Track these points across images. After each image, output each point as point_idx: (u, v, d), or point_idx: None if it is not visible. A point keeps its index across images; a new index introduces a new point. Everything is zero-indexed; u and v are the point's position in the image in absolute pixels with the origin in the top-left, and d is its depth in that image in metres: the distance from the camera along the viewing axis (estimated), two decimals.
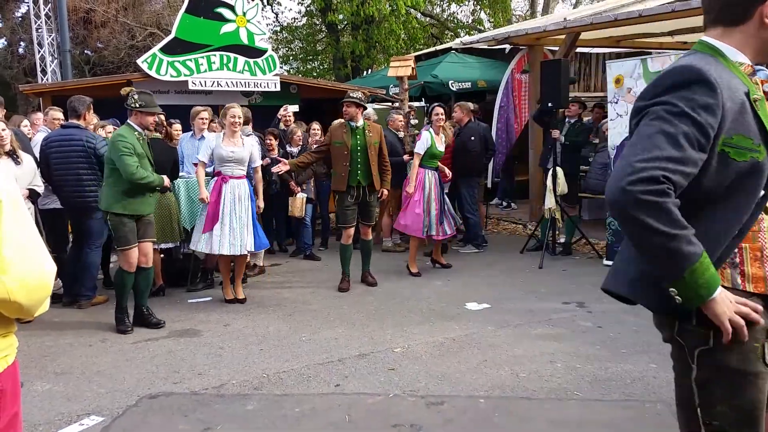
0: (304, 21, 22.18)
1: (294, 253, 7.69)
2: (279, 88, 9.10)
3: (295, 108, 8.54)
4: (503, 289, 5.85)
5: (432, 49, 15.33)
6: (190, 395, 3.63)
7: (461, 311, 5.18)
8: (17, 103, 17.47)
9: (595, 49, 10.55)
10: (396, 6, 17.05)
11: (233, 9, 8.71)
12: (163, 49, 8.44)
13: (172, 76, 8.43)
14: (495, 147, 8.37)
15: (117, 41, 18.58)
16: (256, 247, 5.63)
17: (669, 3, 7.76)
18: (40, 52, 14.62)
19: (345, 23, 19.31)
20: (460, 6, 22.07)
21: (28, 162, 5.14)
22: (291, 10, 32.36)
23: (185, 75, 8.48)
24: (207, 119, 6.46)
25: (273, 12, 22.88)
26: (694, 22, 7.38)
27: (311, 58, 22.91)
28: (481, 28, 21.34)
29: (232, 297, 5.63)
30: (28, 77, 17.63)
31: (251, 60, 8.88)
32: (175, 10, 15.10)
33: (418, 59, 11.50)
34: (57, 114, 6.14)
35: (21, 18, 19.15)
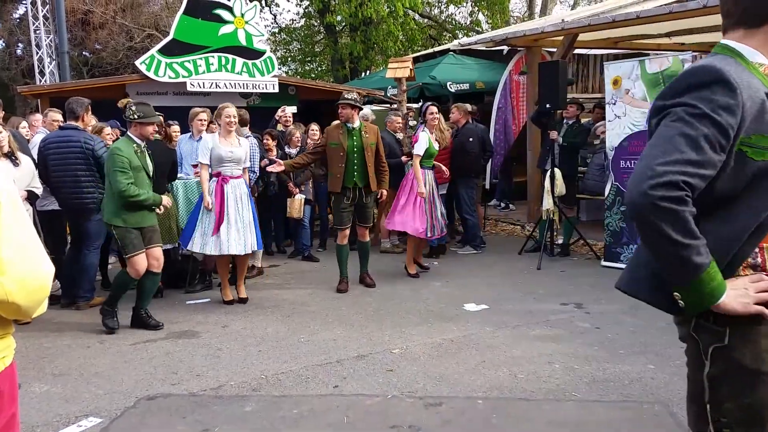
0: (302, 22, 22.22)
1: (292, 255, 7.69)
2: (277, 89, 9.11)
3: (294, 109, 8.54)
4: (501, 290, 5.85)
5: (430, 51, 15.35)
6: (188, 396, 3.63)
7: (459, 312, 5.19)
8: (15, 105, 17.47)
9: (593, 51, 10.58)
10: (394, 7, 17.06)
11: (231, 10, 8.72)
12: (162, 51, 8.45)
13: (170, 77, 8.44)
14: (493, 148, 8.39)
15: (115, 43, 18.59)
16: (257, 245, 5.69)
17: (666, 4, 7.78)
18: (38, 53, 14.63)
19: (343, 25, 19.33)
20: (458, 7, 22.09)
21: (26, 163, 5.14)
22: (289, 11, 32.50)
23: (183, 76, 8.48)
24: (205, 120, 6.47)
25: (271, 13, 22.94)
26: (691, 23, 7.41)
27: (309, 59, 22.93)
28: (479, 29, 21.35)
29: (231, 298, 5.63)
30: (26, 79, 17.63)
31: (249, 61, 8.89)
32: (174, 11, 15.10)
33: (416, 60, 11.53)
34: (56, 115, 6.12)
35: (19, 19, 19.16)
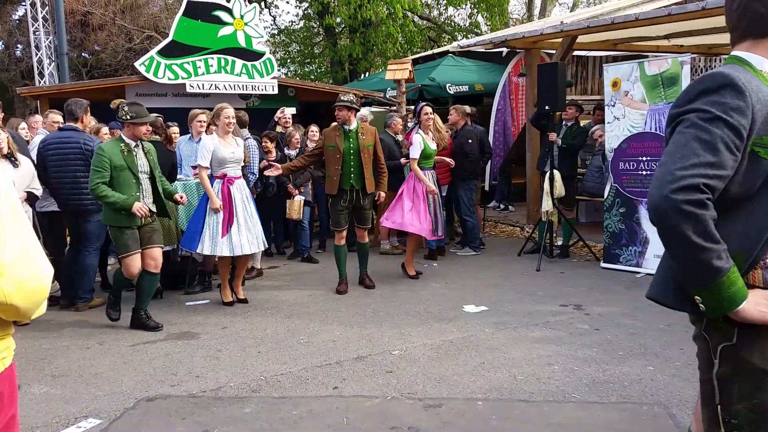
0: (301, 24, 22.22)
1: (292, 256, 7.69)
2: (277, 90, 9.11)
3: (293, 110, 8.55)
4: (501, 292, 5.85)
5: (429, 53, 15.35)
6: (187, 398, 3.63)
7: (459, 314, 5.19)
8: (14, 106, 17.47)
9: (592, 53, 10.59)
10: (393, 9, 17.07)
11: (231, 12, 8.72)
12: (161, 52, 8.45)
13: (169, 79, 8.45)
14: (492, 150, 8.39)
15: (114, 44, 18.58)
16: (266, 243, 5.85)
17: (665, 6, 7.81)
18: (37, 54, 14.63)
19: (342, 26, 19.33)
20: (457, 9, 22.07)
21: (25, 165, 5.14)
22: (288, 13, 32.50)
23: (183, 78, 8.49)
24: (205, 122, 6.46)
25: (270, 15, 22.92)
26: (690, 25, 7.42)
27: (309, 61, 22.92)
28: (478, 31, 21.37)
29: (231, 299, 5.62)
30: (25, 80, 17.64)
31: (249, 63, 8.89)
32: (173, 13, 15.10)
33: (415, 62, 11.52)
34: (57, 117, 6.12)
35: (18, 21, 19.16)
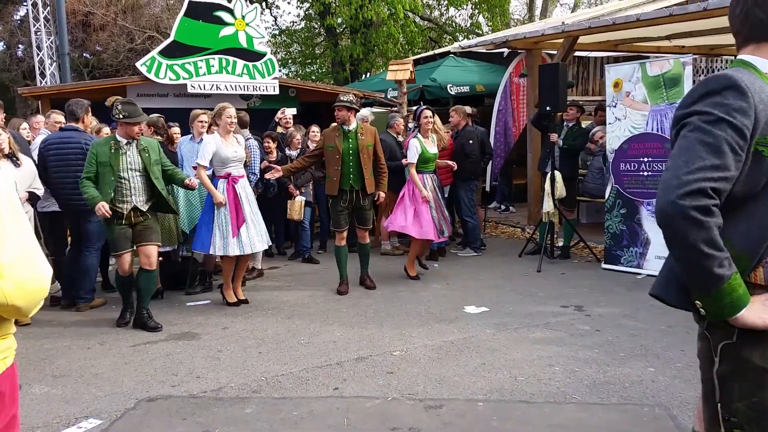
0: (302, 24, 22.22)
1: (292, 257, 7.70)
2: (278, 91, 9.12)
3: (294, 111, 8.55)
4: (502, 293, 5.85)
5: (430, 53, 15.36)
6: (188, 398, 3.63)
7: (460, 314, 5.19)
8: (16, 106, 17.49)
9: (593, 53, 10.60)
10: (394, 10, 17.08)
11: (232, 12, 8.73)
12: (162, 53, 8.46)
13: (171, 79, 8.45)
14: (492, 151, 8.39)
15: (116, 44, 18.59)
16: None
17: (666, 7, 7.81)
18: (38, 55, 14.64)
19: (343, 27, 19.34)
20: (458, 10, 22.08)
21: (27, 165, 5.14)
22: (290, 13, 32.50)
23: (184, 78, 8.49)
24: (206, 122, 6.45)
25: (272, 15, 22.94)
26: (691, 26, 7.42)
27: (310, 61, 22.93)
28: (480, 32, 21.37)
29: (235, 300, 5.61)
30: (26, 80, 17.65)
31: (250, 63, 8.90)
32: (174, 13, 15.12)
33: (416, 63, 11.54)
34: (59, 117, 6.12)
35: (20, 21, 19.17)
